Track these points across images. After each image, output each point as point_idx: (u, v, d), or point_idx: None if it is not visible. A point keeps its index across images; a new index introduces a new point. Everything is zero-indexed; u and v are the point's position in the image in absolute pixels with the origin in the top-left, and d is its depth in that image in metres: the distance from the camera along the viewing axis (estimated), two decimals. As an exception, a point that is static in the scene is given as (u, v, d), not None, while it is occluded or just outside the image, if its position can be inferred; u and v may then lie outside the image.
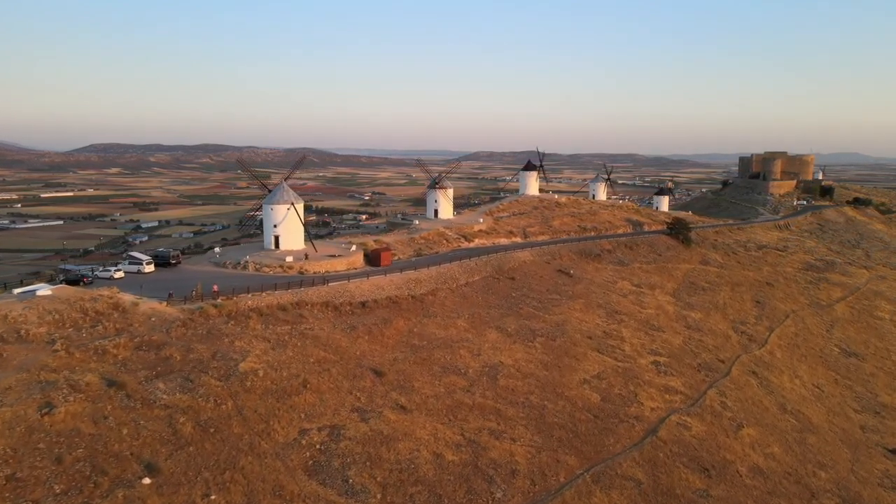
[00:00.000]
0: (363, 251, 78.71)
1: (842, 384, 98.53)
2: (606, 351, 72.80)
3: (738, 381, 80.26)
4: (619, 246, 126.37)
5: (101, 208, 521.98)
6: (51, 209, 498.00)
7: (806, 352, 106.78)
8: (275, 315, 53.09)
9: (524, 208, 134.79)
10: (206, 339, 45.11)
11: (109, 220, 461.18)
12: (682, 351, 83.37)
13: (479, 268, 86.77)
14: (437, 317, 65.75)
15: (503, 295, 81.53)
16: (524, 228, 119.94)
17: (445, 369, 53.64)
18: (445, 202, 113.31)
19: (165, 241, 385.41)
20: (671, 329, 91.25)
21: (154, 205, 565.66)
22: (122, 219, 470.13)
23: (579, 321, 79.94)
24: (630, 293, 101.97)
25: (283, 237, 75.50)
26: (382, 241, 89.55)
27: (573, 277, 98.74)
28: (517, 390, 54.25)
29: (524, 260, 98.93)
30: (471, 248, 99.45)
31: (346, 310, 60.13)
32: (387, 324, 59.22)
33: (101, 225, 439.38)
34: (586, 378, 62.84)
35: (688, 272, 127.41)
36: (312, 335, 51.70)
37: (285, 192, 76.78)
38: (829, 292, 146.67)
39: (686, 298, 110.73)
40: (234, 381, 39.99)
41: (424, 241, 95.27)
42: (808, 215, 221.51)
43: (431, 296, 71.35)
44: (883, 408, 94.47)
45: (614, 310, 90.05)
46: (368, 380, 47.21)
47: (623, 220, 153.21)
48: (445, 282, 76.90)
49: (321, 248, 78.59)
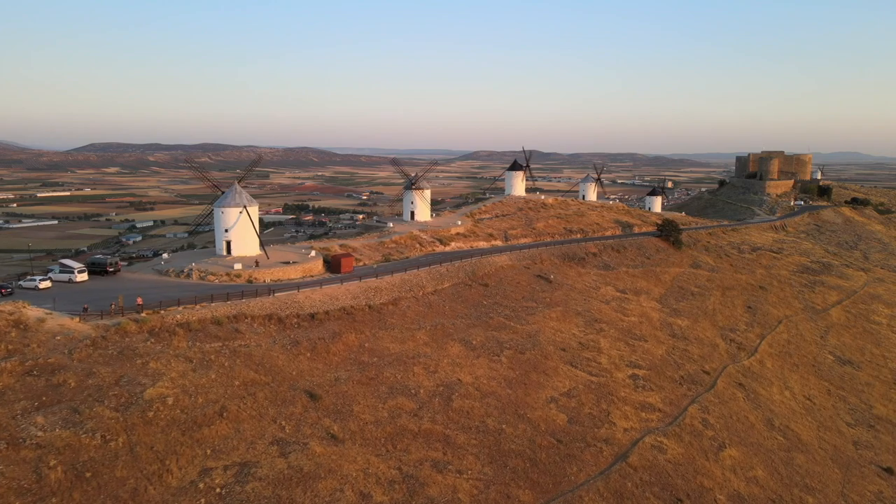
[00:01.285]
0: (323, 257, 73.95)
1: (835, 395, 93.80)
2: (580, 364, 68.05)
3: (724, 395, 75.52)
4: (605, 249, 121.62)
5: (98, 208, 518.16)
6: (47, 209, 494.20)
7: (798, 360, 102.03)
8: (206, 330, 48.36)
9: (508, 210, 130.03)
10: (116, 360, 40.42)
11: (104, 220, 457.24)
12: (664, 362, 78.60)
13: (450, 274, 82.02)
14: (395, 329, 61.01)
15: (473, 303, 76.79)
16: (505, 231, 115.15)
17: (393, 390, 48.89)
18: (422, 204, 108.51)
19: (159, 241, 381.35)
20: (654, 338, 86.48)
21: (150, 204, 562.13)
22: (118, 218, 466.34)
23: (554, 331, 75.18)
24: (613, 300, 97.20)
25: (234, 243, 70.67)
26: (349, 245, 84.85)
27: (552, 283, 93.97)
28: (473, 413, 49.51)
29: (501, 265, 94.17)
30: (445, 253, 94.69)
31: (292, 323, 55.40)
32: (335, 338, 54.49)
33: (96, 224, 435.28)
34: (554, 396, 58.10)
35: (677, 276, 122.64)
36: (245, 353, 46.98)
37: (237, 195, 71.98)
38: (824, 296, 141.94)
39: (673, 304, 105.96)
40: (135, 412, 35.31)
41: (395, 245, 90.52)
42: (805, 216, 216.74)
43: (392, 305, 66.60)
44: (877, 420, 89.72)
45: (594, 318, 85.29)
46: (300, 404, 42.49)
47: (612, 221, 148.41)
48: (410, 290, 72.14)
49: (279, 254, 73.79)
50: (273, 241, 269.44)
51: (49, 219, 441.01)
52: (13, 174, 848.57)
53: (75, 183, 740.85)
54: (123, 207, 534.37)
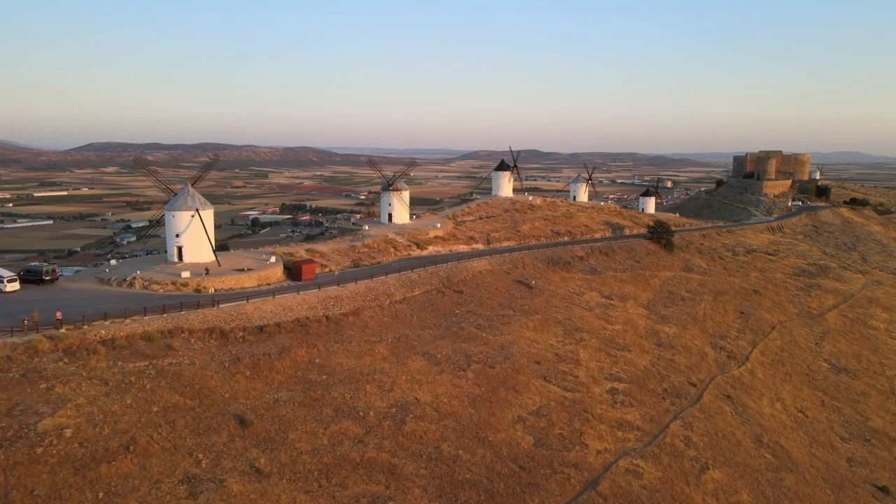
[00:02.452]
0: (283, 264, 69.73)
1: (829, 406, 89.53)
2: (555, 378, 63.77)
3: (709, 409, 71.25)
4: (592, 252, 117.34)
5: (94, 207, 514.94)
6: (43, 208, 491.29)
7: (791, 369, 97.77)
8: (133, 347, 44.18)
9: (493, 211, 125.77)
10: (16, 385, 36.30)
11: (100, 220, 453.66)
12: (647, 374, 74.32)
13: (423, 280, 77.77)
14: (353, 342, 56.78)
15: (445, 312, 72.54)
16: (488, 234, 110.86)
17: (339, 412, 44.65)
18: (400, 206, 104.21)
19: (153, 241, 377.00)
20: (638, 348, 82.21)
21: (147, 204, 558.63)
22: (113, 218, 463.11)
23: (530, 342, 70.91)
24: (597, 306, 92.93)
25: (186, 249, 66.47)
26: (316, 250, 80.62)
27: (533, 289, 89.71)
28: (427, 437, 45.27)
29: (480, 270, 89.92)
30: (421, 257, 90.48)
31: (237, 337, 51.19)
32: (283, 354, 50.25)
33: (91, 224, 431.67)
34: (522, 415, 53.85)
35: (667, 280, 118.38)
36: (174, 373, 42.77)
37: (190, 198, 67.72)
38: (820, 300, 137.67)
39: (661, 310, 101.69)
40: (21, 447, 31.20)
41: (367, 249, 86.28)
42: (803, 216, 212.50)
43: (353, 316, 62.35)
44: (873, 434, 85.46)
45: (575, 327, 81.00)
46: (226, 432, 38.29)
47: (602, 223, 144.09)
48: (376, 298, 67.90)
49: (235, 261, 69.49)
50: (267, 241, 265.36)
51: (44, 219, 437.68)
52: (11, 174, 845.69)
53: (73, 182, 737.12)
54: (120, 207, 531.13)
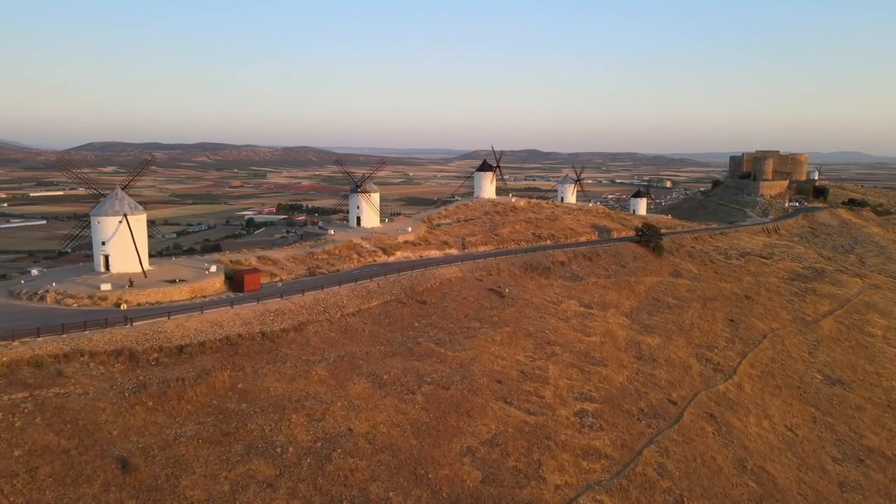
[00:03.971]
0: (225, 273, 64.21)
1: (821, 423, 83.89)
2: (517, 400, 58.16)
3: (689, 431, 65.65)
4: (575, 257, 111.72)
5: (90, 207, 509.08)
6: (38, 208, 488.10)
7: (782, 382, 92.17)
8: (15, 376, 38.68)
9: (472, 214, 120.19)
10: None
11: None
12: (623, 392, 68.73)
13: (382, 290, 72.18)
14: (287, 363, 51.20)
15: (403, 325, 66.95)
16: (464, 238, 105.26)
17: (251, 449, 39.09)
18: (369, 209, 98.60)
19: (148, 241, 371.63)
20: (616, 362, 76.62)
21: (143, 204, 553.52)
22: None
23: (493, 358, 65.32)
24: (575, 316, 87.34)
25: (114, 258, 60.89)
26: (269, 257, 75.05)
27: (506, 298, 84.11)
28: (353, 476, 39.70)
29: (449, 277, 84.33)
30: (387, 264, 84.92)
31: (150, 359, 45.65)
32: (200, 378, 44.68)
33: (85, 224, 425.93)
34: (472, 445, 48.26)
35: (653, 286, 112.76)
36: (56, 406, 37.27)
37: (118, 202, 62.10)
38: (815, 305, 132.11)
39: (645, 319, 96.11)
40: None
41: (327, 256, 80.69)
42: (800, 218, 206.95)
43: (294, 332, 56.80)
44: (868, 453, 79.80)
45: (547, 339, 75.40)
46: (100, 481, 32.78)
47: (588, 226, 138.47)
48: (325, 311, 62.32)
49: (172, 271, 63.79)
50: (262, 242, 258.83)
51: (38, 219, 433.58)
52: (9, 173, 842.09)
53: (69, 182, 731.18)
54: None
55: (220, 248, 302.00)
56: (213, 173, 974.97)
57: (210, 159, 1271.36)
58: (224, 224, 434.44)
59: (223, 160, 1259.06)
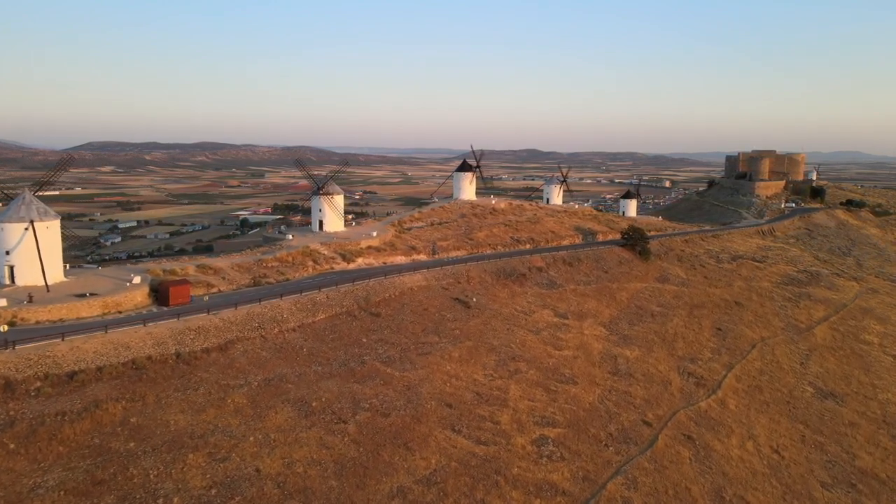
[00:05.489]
0: (150, 285, 58.50)
1: (810, 443, 78.03)
2: (467, 427, 52.38)
3: (663, 457, 59.88)
4: (554, 262, 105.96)
5: (84, 207, 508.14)
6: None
7: (770, 397, 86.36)
8: None
9: (447, 216, 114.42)
10: None
11: (87, 220, 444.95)
12: (592, 414, 62.96)
13: (332, 301, 66.43)
14: (201, 389, 45.47)
15: (350, 341, 61.19)
16: (435, 242, 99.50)
17: (124, 502, 33.32)
18: (331, 212, 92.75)
19: (139, 241, 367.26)
20: (587, 378, 70.85)
21: (138, 204, 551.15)
22: (102, 218, 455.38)
23: (447, 378, 59.56)
24: (547, 327, 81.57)
25: (19, 269, 54.78)
26: (212, 265, 69.28)
27: (472, 308, 78.36)
28: (249, 532, 33.93)
29: (411, 286, 78.61)
30: (345, 272, 79.20)
31: (30, 390, 39.93)
32: (86, 412, 38.96)
33: (78, 225, 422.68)
34: (405, 485, 42.49)
35: (636, 293, 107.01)
36: None
37: (24, 207, 56.15)
38: (809, 311, 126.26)
39: (625, 330, 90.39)
40: None
41: (278, 263, 74.93)
42: (796, 219, 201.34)
43: (219, 352, 51.08)
44: (861, 476, 73.93)
45: (512, 355, 69.63)
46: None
47: (572, 228, 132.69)
48: (260, 327, 56.60)
49: (88, 282, 57.73)
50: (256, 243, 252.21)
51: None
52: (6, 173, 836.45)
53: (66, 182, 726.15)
54: (110, 207, 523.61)
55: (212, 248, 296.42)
56: (211, 173, 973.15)
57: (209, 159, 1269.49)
58: (219, 224, 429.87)
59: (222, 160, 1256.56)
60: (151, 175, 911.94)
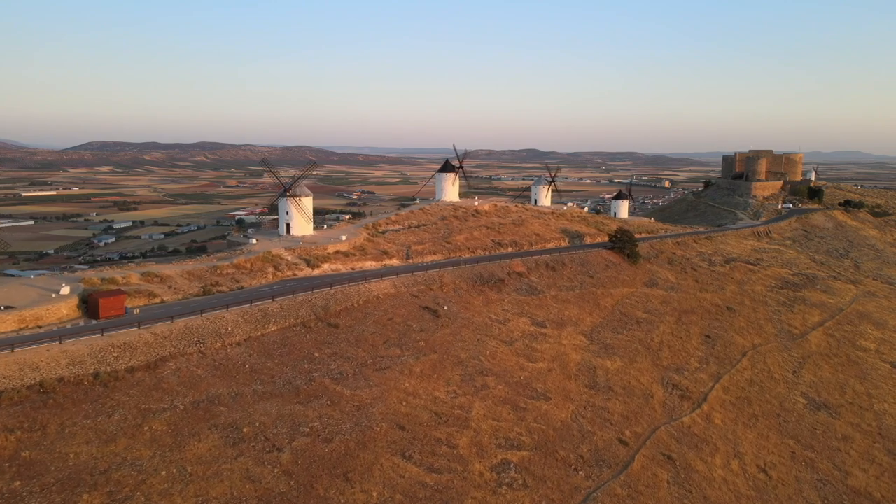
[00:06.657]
0: (80, 296, 54.08)
1: (800, 460, 73.49)
2: (419, 453, 47.85)
3: (638, 481, 55.37)
4: (536, 267, 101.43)
5: (81, 208, 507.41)
6: (28, 208, 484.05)
7: (759, 409, 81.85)
8: None
9: (427, 218, 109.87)
10: None
11: (82, 220, 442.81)
12: (563, 434, 58.44)
13: (286, 312, 61.92)
14: (116, 415, 41.01)
15: (300, 356, 56.70)
16: (409, 246, 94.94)
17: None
18: (299, 215, 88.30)
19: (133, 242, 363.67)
20: (561, 393, 66.32)
21: (135, 204, 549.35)
22: (97, 218, 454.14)
23: (405, 396, 55.04)
24: (522, 337, 77.04)
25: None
26: (160, 273, 64.80)
27: (441, 318, 73.82)
28: (139, 588, 29.43)
29: (378, 294, 74.11)
30: (307, 279, 74.68)
31: (-88, 419, 35.49)
32: (-29, 446, 34.46)
33: (73, 225, 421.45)
34: (338, 523, 38.00)
35: (622, 299, 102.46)
36: None
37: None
38: (804, 316, 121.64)
39: (607, 338, 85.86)
40: None
41: (234, 270, 70.44)
42: (793, 220, 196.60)
43: (145, 371, 46.61)
44: (854, 497, 69.43)
45: (480, 369, 65.10)
46: None
47: (558, 231, 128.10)
48: (199, 342, 52.12)
49: (6, 294, 53.39)
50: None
51: (27, 219, 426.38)
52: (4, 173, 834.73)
53: (64, 182, 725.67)
54: (107, 207, 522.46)
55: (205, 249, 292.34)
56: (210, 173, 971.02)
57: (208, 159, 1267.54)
58: (214, 224, 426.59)
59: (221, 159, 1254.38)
60: (150, 175, 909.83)
